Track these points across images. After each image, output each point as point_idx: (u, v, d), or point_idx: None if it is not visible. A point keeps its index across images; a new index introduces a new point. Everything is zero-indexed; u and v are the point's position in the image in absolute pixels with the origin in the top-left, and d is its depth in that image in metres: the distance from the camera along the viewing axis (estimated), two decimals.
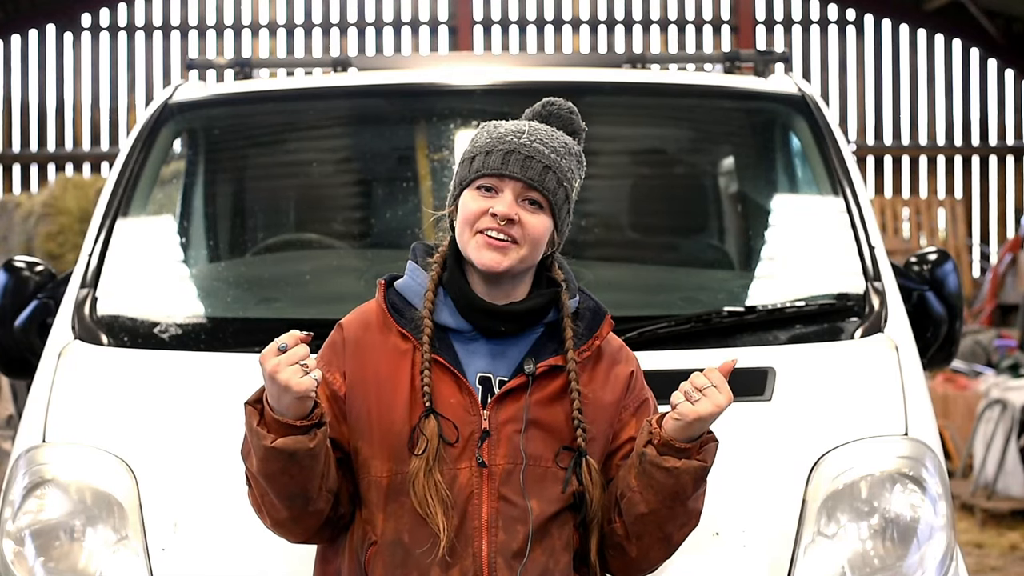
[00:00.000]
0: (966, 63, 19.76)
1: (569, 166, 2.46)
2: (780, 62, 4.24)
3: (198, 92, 4.05)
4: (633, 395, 2.53)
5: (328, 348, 2.50)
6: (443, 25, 19.42)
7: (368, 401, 2.43)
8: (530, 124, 2.48)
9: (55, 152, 19.29)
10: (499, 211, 2.39)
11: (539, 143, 2.43)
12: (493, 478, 2.39)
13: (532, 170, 2.40)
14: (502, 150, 2.41)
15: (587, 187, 2.57)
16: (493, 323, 2.44)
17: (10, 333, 3.51)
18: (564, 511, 2.44)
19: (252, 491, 2.42)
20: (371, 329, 2.48)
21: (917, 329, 3.44)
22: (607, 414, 2.48)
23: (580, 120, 2.57)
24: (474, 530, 2.38)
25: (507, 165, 2.40)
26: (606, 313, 2.54)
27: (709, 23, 19.48)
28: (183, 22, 19.43)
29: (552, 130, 2.49)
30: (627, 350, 2.59)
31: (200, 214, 4.17)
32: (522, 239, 2.40)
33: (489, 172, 2.41)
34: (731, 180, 4.28)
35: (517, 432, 2.40)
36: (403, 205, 4.05)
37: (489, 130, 2.48)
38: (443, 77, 4.11)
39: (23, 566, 2.88)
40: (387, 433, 2.41)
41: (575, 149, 2.50)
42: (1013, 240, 15.76)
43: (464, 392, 2.42)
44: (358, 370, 2.45)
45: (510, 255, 2.40)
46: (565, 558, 2.44)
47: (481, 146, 2.45)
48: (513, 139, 2.43)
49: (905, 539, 2.89)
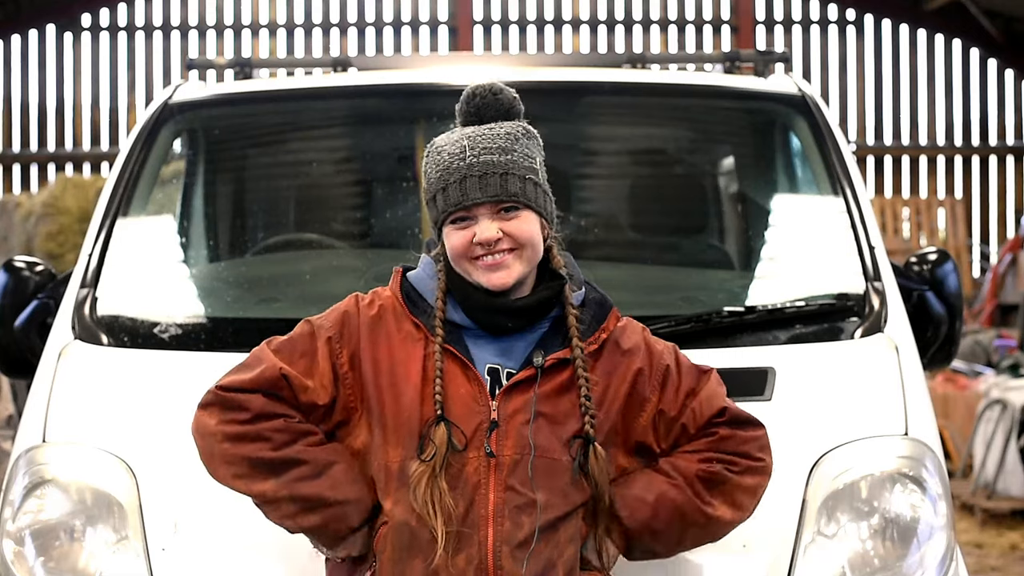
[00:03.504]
0: (966, 63, 19.77)
1: (523, 152, 2.44)
2: (780, 62, 4.24)
3: (198, 92, 4.05)
4: (652, 376, 2.51)
5: (341, 316, 2.51)
6: (443, 25, 19.44)
7: (381, 387, 2.45)
8: (468, 136, 2.44)
9: (55, 152, 19.30)
10: (482, 238, 2.40)
11: (485, 153, 2.41)
12: (501, 468, 2.40)
13: (492, 187, 2.39)
14: (455, 181, 2.40)
15: (587, 187, 2.57)
16: (500, 320, 2.45)
17: (10, 333, 3.51)
18: (575, 503, 2.45)
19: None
20: (386, 315, 2.50)
21: (917, 329, 3.44)
22: (618, 403, 2.49)
23: (509, 93, 2.50)
24: (480, 519, 2.39)
25: (467, 194, 2.39)
26: (612, 306, 2.55)
27: (709, 23, 19.50)
28: (183, 22, 19.44)
29: (488, 129, 2.45)
30: (633, 328, 2.56)
31: (200, 214, 4.18)
32: (517, 245, 2.42)
33: (455, 208, 2.41)
34: (731, 180, 4.28)
35: (525, 423, 2.41)
36: (403, 205, 4.05)
37: (434, 159, 2.46)
38: (443, 77, 4.10)
39: (23, 566, 2.88)
40: (399, 420, 2.43)
41: (518, 131, 2.46)
42: (1013, 240, 15.76)
43: (473, 382, 2.43)
44: (372, 353, 2.47)
45: (513, 267, 2.42)
46: (571, 549, 2.45)
47: (435, 183, 2.44)
48: (459, 164, 2.41)
49: (905, 539, 2.89)
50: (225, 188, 4.31)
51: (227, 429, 2.43)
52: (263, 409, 2.43)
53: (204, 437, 2.46)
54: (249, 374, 2.46)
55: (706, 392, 2.52)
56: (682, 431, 2.51)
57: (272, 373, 2.44)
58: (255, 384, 2.44)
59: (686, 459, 2.51)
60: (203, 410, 2.46)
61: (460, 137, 2.45)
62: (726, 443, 2.50)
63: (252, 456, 2.42)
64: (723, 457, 2.49)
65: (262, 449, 2.42)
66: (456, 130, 2.50)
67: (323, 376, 2.46)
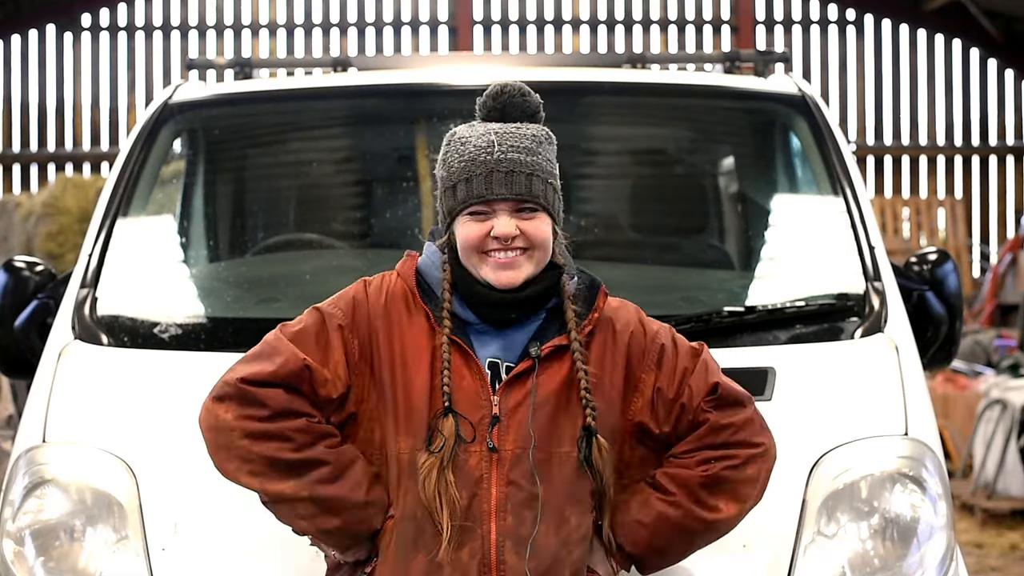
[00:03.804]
0: (966, 63, 19.76)
1: (546, 157, 2.45)
2: (780, 62, 4.24)
3: (198, 92, 4.05)
4: (647, 356, 2.51)
5: (351, 302, 2.48)
6: (443, 25, 19.43)
7: (394, 376, 2.44)
8: (494, 132, 2.43)
9: (55, 152, 19.30)
10: (501, 233, 2.39)
11: (513, 152, 2.40)
12: (503, 463, 2.40)
13: (517, 185, 2.39)
14: (481, 174, 2.39)
15: (587, 187, 2.58)
16: (503, 313, 2.45)
17: (10, 333, 3.51)
18: (583, 501, 2.44)
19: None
20: (398, 303, 2.48)
21: (917, 329, 3.44)
22: (615, 383, 2.49)
23: (536, 98, 2.51)
24: (483, 513, 2.39)
25: (492, 189, 2.39)
26: (600, 285, 2.54)
27: (709, 23, 19.49)
28: (183, 22, 19.44)
29: (517, 128, 2.45)
30: (627, 310, 2.57)
31: (200, 214, 4.18)
32: (530, 246, 2.42)
33: (476, 200, 2.40)
34: (731, 180, 4.28)
35: (526, 417, 2.41)
36: (403, 205, 4.05)
37: (458, 150, 2.44)
38: (443, 77, 4.11)
39: (23, 566, 2.88)
40: (409, 410, 2.43)
41: (542, 135, 2.47)
42: (1013, 240, 15.76)
43: (476, 377, 2.43)
44: (384, 340, 2.45)
45: (524, 267, 2.42)
46: (580, 549, 2.44)
47: (458, 172, 2.42)
48: (486, 157, 2.39)
49: (905, 539, 2.89)
50: (225, 188, 4.31)
51: (247, 426, 2.36)
52: (284, 406, 2.37)
53: (218, 431, 2.38)
54: (270, 366, 2.39)
55: (700, 369, 2.51)
56: (681, 411, 2.49)
57: (295, 365, 2.39)
58: (276, 377, 2.38)
59: (684, 466, 2.48)
60: (218, 403, 2.39)
61: (487, 131, 2.43)
62: (720, 434, 2.47)
63: (272, 456, 2.36)
64: (721, 453, 2.46)
65: (283, 449, 2.36)
66: (479, 124, 2.47)
67: (337, 366, 2.43)
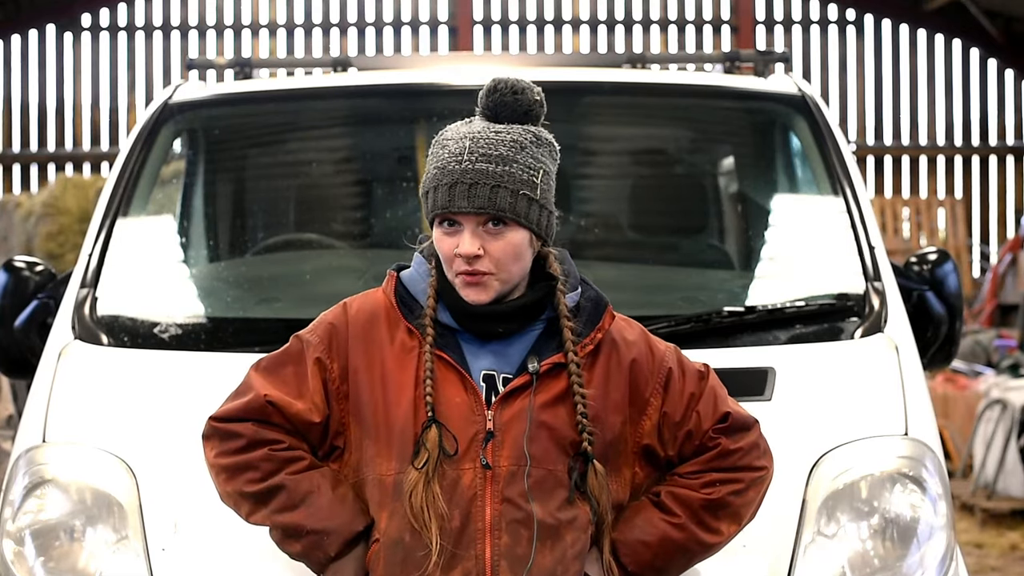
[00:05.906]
0: (966, 63, 19.76)
1: (525, 163, 2.35)
2: (780, 62, 4.23)
3: (198, 92, 4.05)
4: (653, 378, 2.46)
5: (328, 328, 2.46)
6: (443, 25, 19.43)
7: (375, 398, 2.41)
8: (471, 137, 2.36)
9: (55, 152, 19.29)
10: (463, 252, 2.33)
11: (482, 161, 2.33)
12: (497, 480, 2.36)
13: (479, 198, 2.31)
14: (447, 184, 2.33)
15: (587, 187, 2.56)
16: (488, 325, 2.40)
17: (10, 333, 3.51)
18: (578, 519, 2.40)
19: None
20: (378, 322, 2.45)
21: (917, 329, 3.44)
22: (619, 405, 2.44)
23: (530, 95, 2.41)
24: (477, 532, 2.35)
25: (454, 201, 2.32)
26: (607, 304, 2.49)
27: (709, 23, 19.49)
28: (183, 22, 19.44)
29: (497, 133, 2.36)
30: (633, 330, 2.51)
31: (200, 214, 4.18)
32: (494, 267, 2.35)
33: (441, 211, 2.35)
34: (731, 180, 4.28)
35: (522, 433, 2.36)
36: (403, 205, 4.05)
37: (437, 153, 2.39)
38: (443, 77, 4.10)
39: (23, 566, 2.88)
40: (392, 432, 2.39)
41: (527, 138, 2.37)
42: (1013, 240, 15.76)
43: (469, 391, 2.39)
44: (364, 363, 2.42)
45: (489, 287, 2.36)
46: (576, 566, 2.40)
47: (429, 181, 2.37)
48: (454, 167, 2.33)
49: (905, 539, 2.89)
50: (225, 188, 4.31)
51: (221, 462, 2.45)
52: (254, 437, 2.43)
53: (208, 468, 2.50)
54: (238, 402, 2.46)
55: (708, 395, 2.48)
56: (687, 437, 2.46)
57: (257, 403, 2.43)
58: (244, 413, 2.44)
59: (689, 487, 2.45)
60: (205, 442, 2.49)
61: (464, 136, 2.37)
62: (728, 459, 2.46)
63: (242, 489, 2.44)
64: (726, 476, 2.45)
65: (250, 480, 2.43)
66: (467, 124, 2.42)
67: (315, 394, 2.42)
